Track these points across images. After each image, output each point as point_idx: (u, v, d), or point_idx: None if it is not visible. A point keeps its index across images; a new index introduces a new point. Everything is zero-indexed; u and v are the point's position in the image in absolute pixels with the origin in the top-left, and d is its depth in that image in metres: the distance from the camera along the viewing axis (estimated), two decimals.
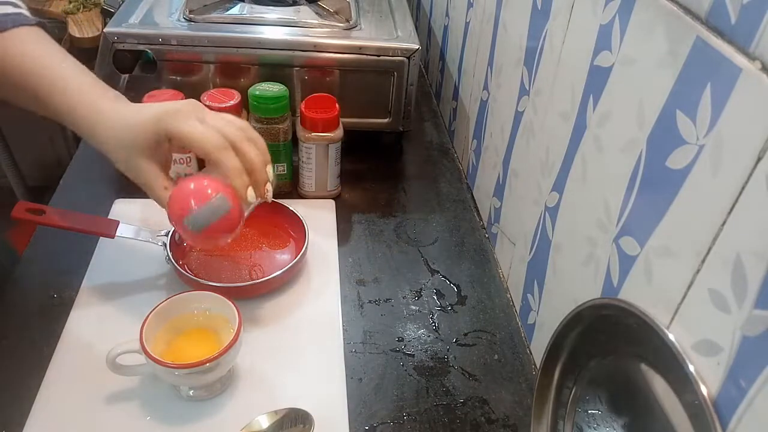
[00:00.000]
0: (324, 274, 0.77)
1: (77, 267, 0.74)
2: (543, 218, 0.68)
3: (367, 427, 0.62)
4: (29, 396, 0.60)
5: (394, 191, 0.95)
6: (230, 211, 0.58)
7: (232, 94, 0.84)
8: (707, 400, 0.38)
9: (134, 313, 0.60)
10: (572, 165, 0.60)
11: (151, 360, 0.55)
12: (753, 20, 0.35)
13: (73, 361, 0.63)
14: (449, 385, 0.67)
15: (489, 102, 0.89)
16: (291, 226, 0.80)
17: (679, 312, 0.43)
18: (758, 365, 0.35)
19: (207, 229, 0.57)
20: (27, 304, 0.71)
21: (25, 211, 0.70)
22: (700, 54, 0.40)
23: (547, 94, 0.67)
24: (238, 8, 0.96)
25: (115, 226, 0.72)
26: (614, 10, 0.51)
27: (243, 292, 0.70)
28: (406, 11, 1.04)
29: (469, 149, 1.00)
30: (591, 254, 0.56)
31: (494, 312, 0.76)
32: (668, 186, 0.43)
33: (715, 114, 0.38)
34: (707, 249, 0.39)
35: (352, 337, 0.71)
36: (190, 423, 0.59)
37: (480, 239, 0.88)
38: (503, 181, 0.82)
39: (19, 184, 1.83)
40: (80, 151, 0.97)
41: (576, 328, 0.53)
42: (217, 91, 0.85)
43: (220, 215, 0.57)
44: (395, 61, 0.91)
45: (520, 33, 0.74)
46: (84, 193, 0.88)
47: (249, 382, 0.63)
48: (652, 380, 0.44)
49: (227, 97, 0.84)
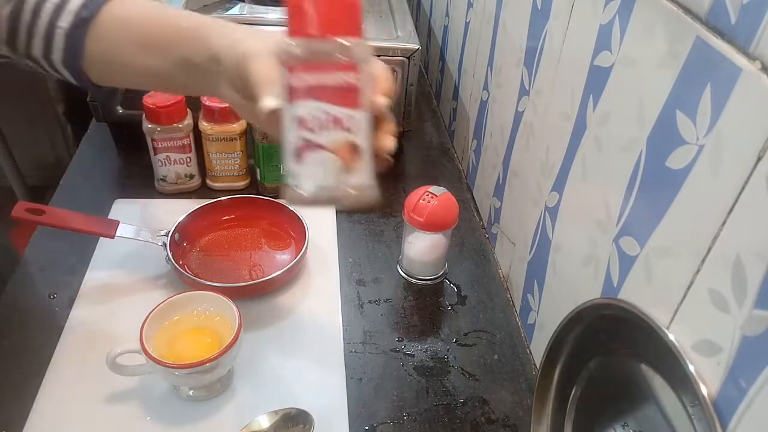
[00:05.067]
0: (324, 274, 0.77)
1: (77, 267, 0.74)
2: (543, 218, 0.68)
3: (367, 427, 0.62)
4: (29, 396, 0.60)
5: (394, 191, 0.95)
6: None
7: None
8: (707, 400, 0.38)
9: (134, 313, 0.60)
10: (572, 165, 0.60)
11: (151, 360, 0.55)
12: (753, 20, 0.35)
13: (73, 361, 0.63)
14: (449, 385, 0.67)
15: (489, 102, 0.89)
16: (291, 226, 0.80)
17: (679, 312, 0.43)
18: (758, 365, 0.35)
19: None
20: (27, 304, 0.71)
21: (25, 211, 0.70)
22: (700, 54, 0.40)
23: (547, 94, 0.67)
24: (238, 8, 0.96)
25: (115, 226, 0.72)
26: (614, 10, 0.51)
27: (243, 292, 0.70)
28: (406, 11, 1.04)
29: (469, 149, 1.00)
30: (591, 254, 0.56)
31: (494, 312, 0.76)
32: (668, 186, 0.43)
33: (715, 114, 0.38)
34: (707, 249, 0.39)
35: (352, 337, 0.71)
36: (190, 423, 0.59)
37: (480, 239, 0.88)
38: (503, 181, 0.82)
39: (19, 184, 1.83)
40: (80, 151, 0.97)
41: (576, 328, 0.53)
42: None
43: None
44: (395, 61, 0.91)
45: (520, 33, 0.74)
46: (84, 193, 0.88)
47: (249, 382, 0.63)
48: (652, 380, 0.44)
49: None
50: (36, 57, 0.56)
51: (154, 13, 0.56)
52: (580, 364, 0.54)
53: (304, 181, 0.41)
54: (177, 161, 0.85)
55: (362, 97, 0.40)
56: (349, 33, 0.40)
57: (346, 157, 0.41)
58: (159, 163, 0.85)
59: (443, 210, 0.73)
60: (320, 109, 0.40)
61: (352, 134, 0.40)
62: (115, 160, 0.95)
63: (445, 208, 0.73)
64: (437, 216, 0.73)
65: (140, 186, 0.89)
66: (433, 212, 0.72)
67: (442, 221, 0.74)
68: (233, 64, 0.48)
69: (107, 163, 0.95)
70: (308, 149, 0.40)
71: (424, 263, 0.78)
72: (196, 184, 0.90)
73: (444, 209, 0.73)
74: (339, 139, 0.40)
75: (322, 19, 0.40)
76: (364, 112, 0.40)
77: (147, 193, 0.88)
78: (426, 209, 0.72)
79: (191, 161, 0.87)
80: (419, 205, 0.72)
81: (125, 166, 0.94)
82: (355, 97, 0.40)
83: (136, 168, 0.91)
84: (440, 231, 0.75)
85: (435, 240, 0.77)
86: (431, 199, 0.73)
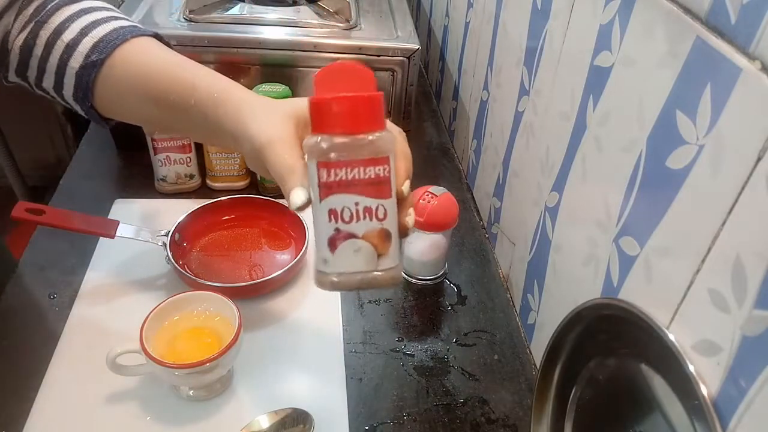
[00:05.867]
0: None
1: (77, 267, 0.74)
2: (543, 218, 0.68)
3: (367, 427, 0.62)
4: (29, 396, 0.60)
5: None
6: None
7: None
8: (707, 400, 0.38)
9: (134, 313, 0.60)
10: (572, 165, 0.60)
11: (151, 360, 0.55)
12: (753, 20, 0.35)
13: (73, 361, 0.63)
14: (449, 385, 0.67)
15: (489, 102, 0.89)
16: (291, 227, 0.80)
17: (679, 312, 0.43)
18: (758, 365, 0.35)
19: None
20: (27, 304, 0.71)
21: (25, 211, 0.70)
22: (700, 54, 0.40)
23: (547, 94, 0.67)
24: (238, 8, 0.96)
25: (115, 226, 0.72)
26: (614, 10, 0.51)
27: (243, 292, 0.70)
28: (406, 11, 1.04)
29: (469, 149, 1.00)
30: (591, 254, 0.56)
31: (494, 312, 0.76)
32: (668, 186, 0.43)
33: (715, 114, 0.38)
34: (707, 249, 0.39)
35: (352, 337, 0.71)
36: (190, 423, 0.59)
37: (480, 239, 0.88)
38: (503, 181, 0.82)
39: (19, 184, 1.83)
40: (80, 151, 0.97)
41: (576, 328, 0.53)
42: None
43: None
44: (395, 61, 0.91)
45: (520, 33, 0.74)
46: (84, 193, 0.88)
47: (249, 382, 0.63)
48: (652, 380, 0.44)
49: None
50: (47, 89, 0.56)
51: (164, 68, 0.53)
52: (580, 364, 0.54)
53: (337, 267, 0.42)
54: (177, 161, 0.85)
55: (391, 187, 0.42)
56: (375, 127, 0.41)
57: (377, 244, 0.42)
58: (159, 163, 0.85)
59: (443, 210, 0.73)
60: (353, 202, 0.41)
61: (383, 222, 0.42)
62: (115, 160, 0.95)
63: (445, 208, 0.73)
64: (437, 216, 0.73)
65: (140, 186, 0.89)
66: (433, 212, 0.72)
67: (442, 221, 0.74)
68: (249, 148, 0.46)
69: (107, 163, 0.95)
70: (341, 239, 0.41)
71: (424, 263, 0.78)
72: (196, 184, 0.90)
73: (444, 209, 0.73)
74: (372, 228, 0.41)
75: (348, 117, 0.41)
76: (392, 199, 0.42)
77: (147, 193, 0.88)
78: (426, 209, 0.72)
79: (191, 161, 0.87)
80: (419, 205, 0.72)
81: (125, 166, 0.94)
82: (384, 187, 0.42)
83: (136, 168, 0.91)
84: (440, 231, 0.75)
85: (435, 240, 0.77)
86: (431, 199, 0.73)
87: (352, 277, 0.42)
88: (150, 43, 0.56)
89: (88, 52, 0.53)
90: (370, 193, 0.41)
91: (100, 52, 0.53)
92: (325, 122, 0.41)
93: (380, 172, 0.41)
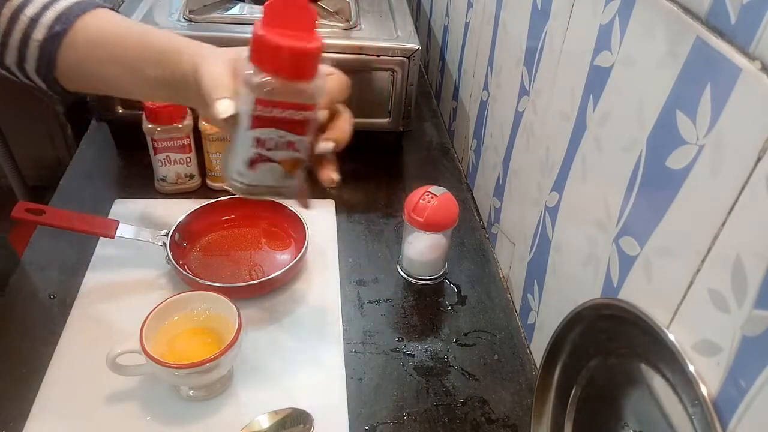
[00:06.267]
0: (324, 274, 0.77)
1: (77, 267, 0.74)
2: (543, 218, 0.68)
3: (367, 427, 0.62)
4: (29, 396, 0.60)
5: (394, 191, 0.95)
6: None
7: None
8: (707, 400, 0.38)
9: (134, 313, 0.60)
10: (572, 165, 0.60)
11: (151, 360, 0.55)
12: (753, 20, 0.35)
13: (73, 361, 0.63)
14: (449, 385, 0.67)
15: (489, 102, 0.89)
16: (291, 226, 0.80)
17: (679, 312, 0.43)
18: (758, 365, 0.35)
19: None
20: (27, 303, 0.71)
21: (25, 211, 0.70)
22: (700, 54, 0.40)
23: (547, 94, 0.67)
24: (238, 8, 0.96)
25: (115, 226, 0.72)
26: (614, 10, 0.51)
27: (243, 292, 0.70)
28: (406, 11, 1.04)
29: (469, 149, 1.00)
30: (591, 254, 0.56)
31: (494, 312, 0.76)
32: (668, 186, 0.43)
33: (715, 114, 0.38)
34: (707, 249, 0.39)
35: (352, 337, 0.71)
36: (190, 423, 0.59)
37: (480, 239, 0.88)
38: (503, 181, 0.82)
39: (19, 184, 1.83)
40: (80, 151, 0.97)
41: (576, 328, 0.53)
42: None
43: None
44: (395, 61, 0.91)
45: (520, 33, 0.74)
46: (84, 193, 0.88)
47: (249, 382, 0.63)
48: (652, 380, 0.44)
49: None
50: (9, 65, 0.57)
51: (125, 31, 0.57)
52: (580, 364, 0.54)
53: (251, 180, 0.50)
54: (177, 161, 0.85)
55: (312, 126, 0.49)
56: (312, 75, 0.46)
57: (289, 168, 0.50)
58: (159, 163, 0.85)
59: (443, 210, 0.73)
60: (278, 135, 0.48)
61: (298, 153, 0.49)
62: (115, 160, 0.95)
63: (445, 208, 0.73)
64: (437, 216, 0.73)
65: (140, 186, 0.89)
66: (433, 212, 0.72)
67: (442, 221, 0.74)
68: (193, 79, 0.50)
69: (107, 163, 0.95)
70: (261, 161, 0.49)
71: (424, 263, 0.78)
72: (196, 184, 0.90)
73: (444, 209, 0.73)
74: (288, 156, 0.49)
75: (291, 65, 0.45)
76: (309, 136, 0.50)
77: (147, 193, 0.88)
78: (426, 209, 0.72)
79: (191, 161, 0.87)
80: (419, 205, 0.72)
81: (125, 166, 0.94)
82: (307, 127, 0.48)
83: (136, 168, 0.91)
84: (440, 231, 0.75)
85: (435, 240, 0.77)
86: (431, 199, 0.73)
87: (262, 189, 0.51)
88: (110, 13, 0.58)
89: (51, 24, 0.55)
90: (295, 131, 0.48)
91: (63, 23, 0.55)
92: (268, 62, 0.45)
93: (308, 116, 0.47)
